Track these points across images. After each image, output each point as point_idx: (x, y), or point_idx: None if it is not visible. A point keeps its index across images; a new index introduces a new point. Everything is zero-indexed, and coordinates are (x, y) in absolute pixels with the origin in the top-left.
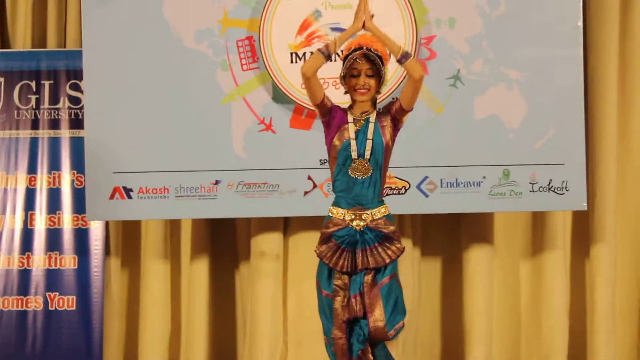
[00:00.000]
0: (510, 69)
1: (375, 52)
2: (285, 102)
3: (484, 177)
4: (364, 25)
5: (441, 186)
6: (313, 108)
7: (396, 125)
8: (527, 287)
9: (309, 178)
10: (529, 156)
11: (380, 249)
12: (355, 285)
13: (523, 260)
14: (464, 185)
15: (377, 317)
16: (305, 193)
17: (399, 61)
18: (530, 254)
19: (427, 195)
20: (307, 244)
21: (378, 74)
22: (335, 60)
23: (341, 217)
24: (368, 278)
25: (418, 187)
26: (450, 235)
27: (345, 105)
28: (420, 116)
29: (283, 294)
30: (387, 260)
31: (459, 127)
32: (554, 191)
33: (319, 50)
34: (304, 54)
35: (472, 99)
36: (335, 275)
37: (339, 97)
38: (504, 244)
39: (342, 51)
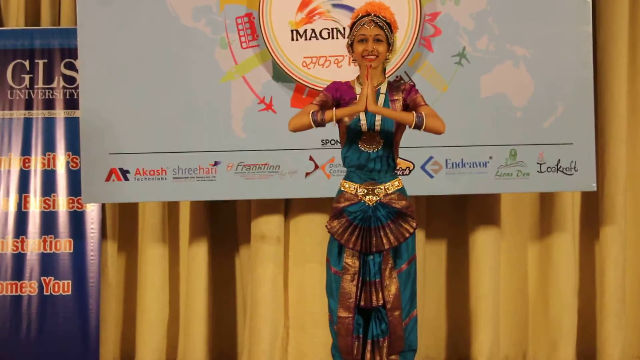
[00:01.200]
0: (517, 45)
1: (384, 19)
2: (285, 80)
3: (491, 157)
4: (366, 108)
5: (446, 167)
6: (315, 87)
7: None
8: (535, 270)
9: (311, 159)
10: (537, 135)
11: (393, 227)
12: (373, 271)
13: (531, 243)
14: (470, 166)
15: (395, 305)
16: (307, 174)
17: (417, 128)
18: (538, 236)
19: (431, 176)
20: (308, 226)
21: (387, 41)
22: (336, 38)
23: (353, 192)
24: (387, 264)
25: (422, 167)
26: (456, 217)
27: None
28: (425, 95)
29: (284, 278)
30: (401, 239)
31: (465, 105)
32: (562, 171)
33: (312, 113)
34: (305, 31)
35: (477, 76)
36: (346, 252)
37: (341, 76)
38: (511, 226)
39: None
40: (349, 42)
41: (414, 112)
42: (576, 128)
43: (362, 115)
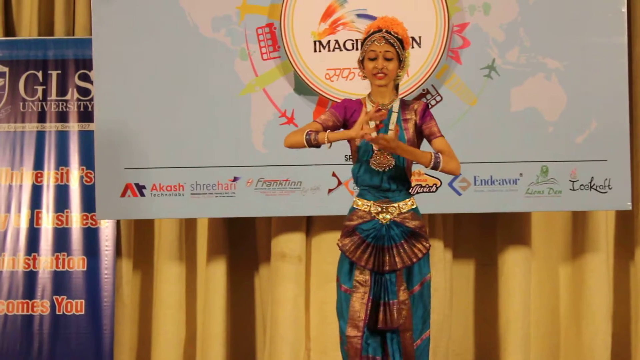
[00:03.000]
0: (549, 57)
1: (396, 35)
2: (308, 93)
3: (521, 174)
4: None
5: (475, 184)
6: (338, 100)
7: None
8: (567, 291)
9: (334, 175)
10: (569, 151)
11: (407, 247)
12: (391, 291)
13: (563, 263)
14: (499, 183)
15: (406, 326)
16: (330, 191)
17: (434, 169)
18: (571, 256)
19: (459, 194)
20: (330, 245)
21: (398, 58)
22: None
23: (367, 210)
24: (400, 284)
25: (450, 184)
26: (485, 237)
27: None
28: (453, 109)
29: (305, 298)
30: (414, 260)
31: (494, 120)
32: (596, 189)
33: (307, 132)
34: (328, 42)
35: (507, 90)
36: (357, 270)
37: (366, 89)
38: (542, 246)
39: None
40: (360, 59)
41: (431, 153)
42: (610, 144)
43: (374, 133)
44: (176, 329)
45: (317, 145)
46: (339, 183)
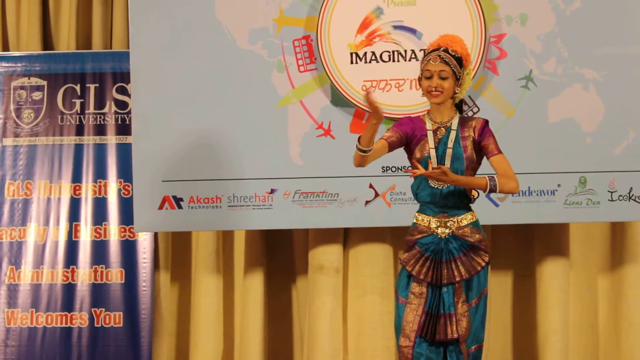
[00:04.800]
0: (587, 68)
1: (454, 53)
2: (345, 105)
3: (559, 185)
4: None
5: (512, 195)
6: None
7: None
8: (606, 303)
9: (371, 186)
10: (608, 162)
11: (465, 260)
12: (448, 303)
13: (601, 275)
14: (537, 194)
15: (465, 338)
16: (367, 202)
17: (492, 192)
18: (609, 267)
19: (497, 205)
20: (368, 256)
21: (454, 76)
22: (397, 61)
23: (426, 224)
24: (459, 297)
25: (487, 195)
26: (523, 248)
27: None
28: (490, 120)
29: (343, 310)
30: (472, 272)
31: (532, 131)
32: (634, 200)
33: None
34: (365, 54)
35: (545, 100)
36: (414, 282)
37: (403, 100)
38: (581, 257)
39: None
40: (419, 77)
41: (486, 178)
42: None
43: (433, 152)
44: (214, 341)
45: (366, 151)
46: (376, 195)
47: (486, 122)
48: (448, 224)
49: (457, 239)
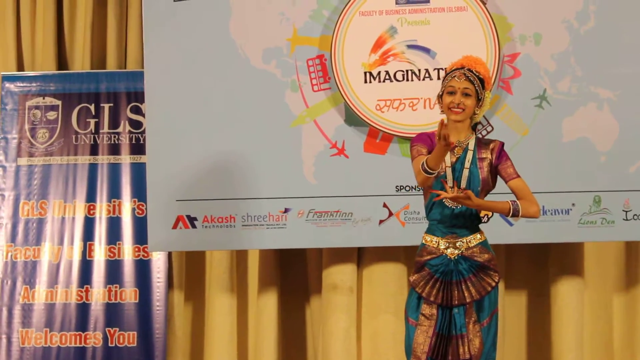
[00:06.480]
0: (601, 87)
1: (477, 74)
2: (358, 124)
3: (573, 205)
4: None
5: None
6: (389, 131)
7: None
8: (621, 323)
9: (385, 206)
10: (622, 181)
11: (475, 280)
12: (459, 325)
13: (616, 294)
14: (552, 213)
15: (477, 359)
16: (381, 222)
17: (514, 217)
18: (624, 287)
19: (511, 224)
20: (382, 276)
21: (476, 96)
22: (411, 80)
23: (435, 245)
24: (470, 317)
25: (501, 215)
26: (537, 267)
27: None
28: (504, 139)
29: (357, 330)
30: (483, 293)
31: (546, 150)
32: None
33: (422, 164)
34: (379, 73)
35: (559, 120)
36: (424, 304)
37: (416, 119)
38: (596, 277)
39: (444, 69)
40: (440, 94)
41: (509, 203)
42: None
43: (449, 171)
44: None
45: (434, 173)
46: (390, 214)
47: (503, 144)
48: (457, 245)
49: (466, 260)
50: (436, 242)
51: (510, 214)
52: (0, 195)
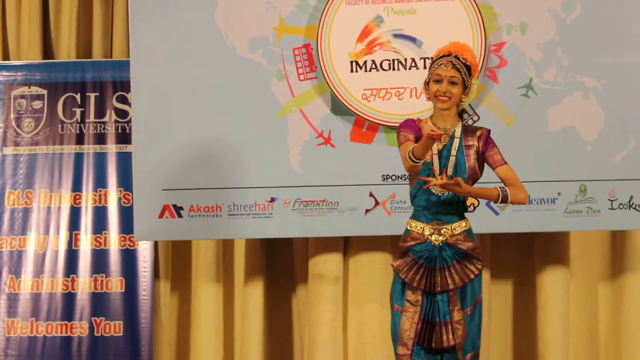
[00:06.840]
0: (587, 76)
1: (464, 61)
2: (345, 114)
3: (559, 194)
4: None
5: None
6: (375, 120)
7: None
8: (607, 312)
9: (371, 195)
10: (608, 170)
11: (458, 268)
12: (443, 311)
13: (602, 283)
14: (537, 203)
15: (461, 346)
16: (367, 211)
17: (503, 203)
18: (610, 276)
19: (497, 213)
20: (368, 265)
21: (463, 83)
22: (397, 69)
23: (420, 231)
24: (454, 305)
25: (487, 204)
26: (523, 257)
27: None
28: (490, 128)
29: (343, 319)
30: (466, 280)
31: (532, 139)
32: (635, 208)
33: (409, 152)
34: (365, 62)
35: (545, 109)
36: (408, 290)
37: (402, 108)
38: (581, 266)
39: (431, 58)
40: (426, 81)
41: (498, 189)
42: None
43: (435, 158)
44: (214, 350)
45: (420, 161)
46: (376, 203)
47: (489, 131)
48: (442, 232)
49: (450, 247)
50: (421, 228)
51: (500, 200)
52: None
